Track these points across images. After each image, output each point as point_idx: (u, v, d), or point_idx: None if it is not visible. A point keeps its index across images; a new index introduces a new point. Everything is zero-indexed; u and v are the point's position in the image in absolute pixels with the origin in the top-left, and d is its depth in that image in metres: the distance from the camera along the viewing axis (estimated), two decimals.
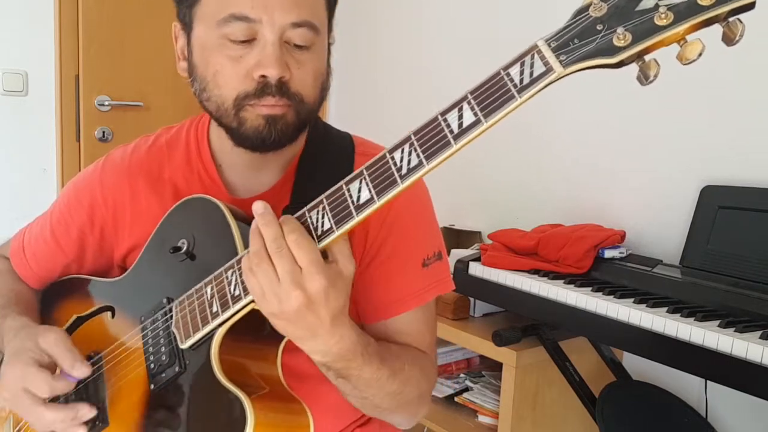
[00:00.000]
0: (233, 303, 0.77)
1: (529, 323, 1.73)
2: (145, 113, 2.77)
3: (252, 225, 0.73)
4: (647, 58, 0.60)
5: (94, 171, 1.03)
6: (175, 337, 0.84)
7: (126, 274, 0.98)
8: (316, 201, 0.73)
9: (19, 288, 1.06)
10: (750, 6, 0.56)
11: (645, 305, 1.40)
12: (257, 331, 0.83)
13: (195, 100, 0.92)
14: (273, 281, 0.70)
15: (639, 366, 1.80)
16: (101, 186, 1.01)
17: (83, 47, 2.62)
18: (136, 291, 0.95)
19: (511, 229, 1.92)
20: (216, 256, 0.82)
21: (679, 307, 1.36)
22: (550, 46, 0.61)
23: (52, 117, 2.63)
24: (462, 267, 1.79)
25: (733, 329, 1.24)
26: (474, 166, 2.30)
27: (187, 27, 0.89)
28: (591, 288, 1.52)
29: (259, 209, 0.72)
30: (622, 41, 0.58)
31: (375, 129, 2.57)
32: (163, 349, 0.85)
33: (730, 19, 0.57)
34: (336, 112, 3.06)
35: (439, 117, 0.66)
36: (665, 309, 1.37)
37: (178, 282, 0.87)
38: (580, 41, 0.60)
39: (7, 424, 1.02)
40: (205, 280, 0.81)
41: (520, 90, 0.62)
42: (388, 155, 0.69)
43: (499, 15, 2.28)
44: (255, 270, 0.71)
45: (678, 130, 1.80)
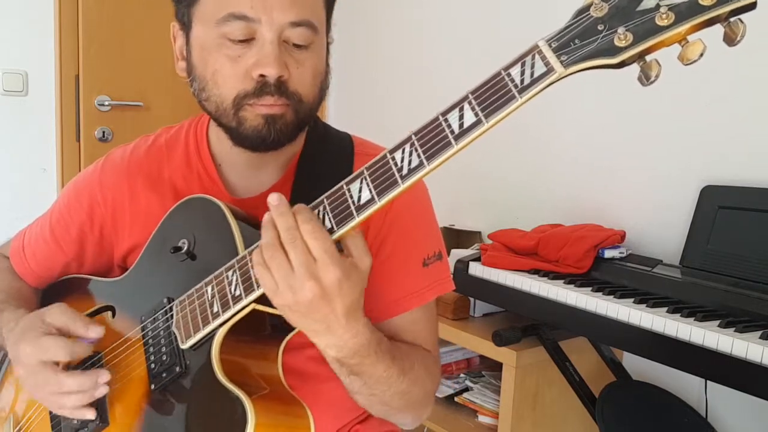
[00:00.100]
0: (234, 303, 0.77)
1: (529, 323, 1.72)
2: (145, 113, 2.77)
3: (264, 217, 0.72)
4: (648, 58, 0.60)
5: (93, 171, 1.04)
6: (176, 337, 0.84)
7: (126, 273, 0.98)
8: (316, 201, 0.73)
9: (18, 285, 1.06)
10: (751, 6, 0.56)
11: (645, 305, 1.40)
12: (258, 331, 0.83)
13: (195, 100, 0.92)
14: (287, 272, 0.69)
15: (639, 366, 1.80)
16: (101, 186, 1.01)
17: (83, 47, 2.62)
18: (136, 291, 0.94)
19: (511, 229, 1.91)
20: (216, 255, 0.81)
21: (679, 307, 1.36)
22: (551, 46, 0.61)
23: (52, 117, 2.63)
24: (462, 267, 1.78)
25: (733, 329, 1.24)
26: (474, 166, 2.30)
27: (186, 27, 0.89)
28: (591, 288, 1.52)
29: (274, 200, 0.71)
30: (623, 41, 0.58)
31: (374, 129, 2.57)
32: (164, 349, 0.85)
33: (731, 20, 0.57)
34: (335, 112, 3.06)
35: (440, 117, 0.66)
36: (665, 309, 1.36)
37: (178, 282, 0.87)
38: (581, 41, 0.60)
39: (7, 424, 1.02)
40: (206, 279, 0.81)
41: (521, 90, 0.62)
42: (388, 155, 0.69)
43: (499, 15, 2.28)
44: (268, 261, 0.70)
45: (678, 129, 1.80)
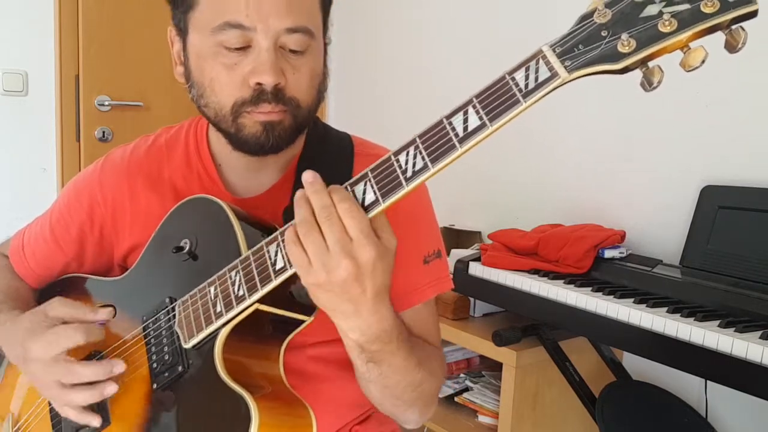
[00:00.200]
0: (237, 303, 0.77)
1: (529, 323, 1.73)
2: (145, 113, 2.77)
3: (297, 194, 0.71)
4: (651, 64, 0.61)
5: (93, 171, 1.03)
6: (178, 337, 0.84)
7: (127, 273, 0.98)
8: None
9: (16, 285, 1.06)
10: (753, 14, 0.57)
11: (645, 305, 1.40)
12: (260, 331, 0.83)
13: None
14: (322, 250, 0.68)
15: (639, 366, 1.80)
16: (101, 185, 1.01)
17: (83, 47, 2.62)
18: (137, 290, 0.95)
19: (511, 229, 1.92)
20: (219, 256, 0.82)
21: (679, 307, 1.36)
22: (555, 51, 0.62)
23: (52, 117, 2.63)
24: (462, 267, 1.79)
25: (733, 329, 1.24)
26: (474, 166, 2.30)
27: (183, 32, 0.89)
28: (591, 288, 1.52)
29: (309, 177, 0.71)
30: (626, 47, 0.59)
31: (374, 129, 2.57)
32: (166, 349, 0.86)
33: (732, 27, 0.58)
34: (335, 112, 3.06)
35: (444, 120, 0.66)
36: (665, 309, 1.37)
37: (180, 282, 0.87)
38: (584, 47, 0.61)
39: (6, 423, 1.02)
40: (209, 280, 0.81)
41: (525, 95, 0.62)
42: (393, 158, 0.69)
43: (499, 15, 2.28)
44: (303, 238, 0.69)
45: (678, 130, 1.80)
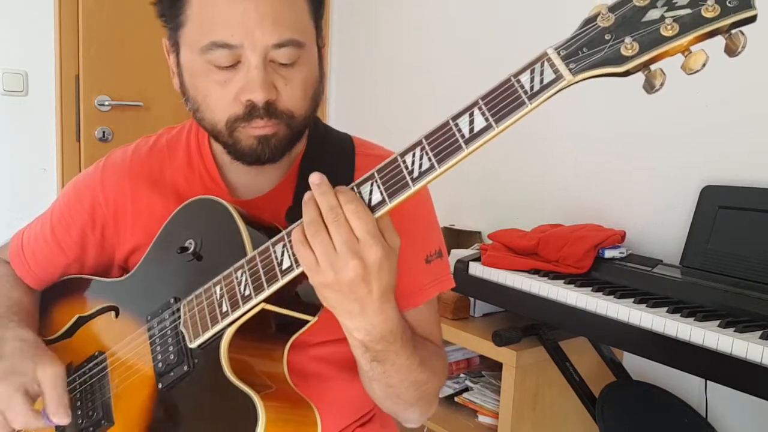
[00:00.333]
0: (243, 303, 0.78)
1: (529, 323, 1.73)
2: (145, 113, 2.76)
3: (305, 195, 0.72)
4: (653, 67, 0.62)
5: (95, 171, 1.03)
6: (184, 337, 0.84)
7: (131, 273, 0.98)
8: None
9: (18, 295, 1.05)
10: (752, 19, 0.58)
11: (645, 305, 1.40)
12: (265, 331, 0.84)
13: None
14: (329, 251, 0.69)
15: (639, 366, 1.80)
16: (102, 186, 1.01)
17: (83, 47, 2.61)
18: (141, 290, 0.95)
19: (511, 229, 1.92)
20: (224, 256, 0.82)
21: (679, 307, 1.36)
22: (559, 54, 0.63)
23: (52, 117, 2.62)
24: (462, 267, 1.79)
25: (733, 329, 1.25)
26: (474, 166, 2.29)
27: (175, 47, 0.89)
28: (591, 288, 1.53)
29: (316, 179, 0.72)
30: (629, 51, 0.60)
31: (374, 129, 2.58)
32: (171, 349, 0.86)
33: (732, 31, 0.59)
34: (335, 112, 3.06)
35: (451, 122, 0.67)
36: (665, 309, 1.37)
37: (185, 282, 0.87)
38: (588, 50, 0.62)
39: None
40: (214, 280, 0.82)
41: (530, 96, 0.63)
42: (399, 159, 0.70)
43: (499, 15, 2.28)
44: (311, 239, 0.70)
45: (678, 130, 1.80)
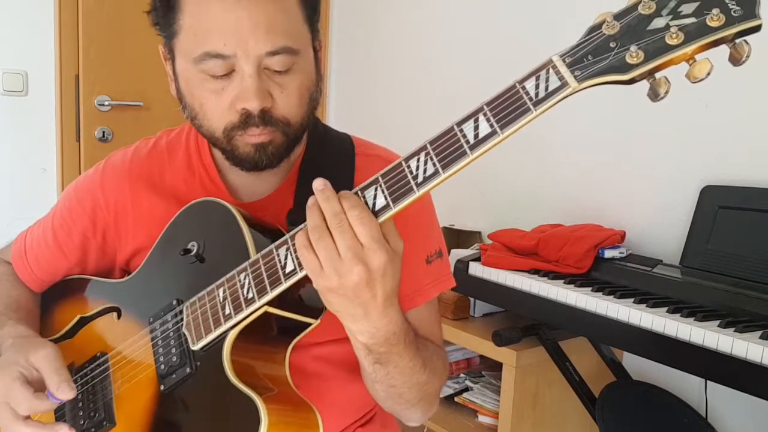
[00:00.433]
0: (246, 305, 0.78)
1: (529, 323, 1.73)
2: (145, 113, 2.76)
3: (309, 201, 0.73)
4: (658, 75, 0.62)
5: (95, 174, 1.03)
6: (186, 339, 0.84)
7: (133, 275, 0.98)
8: None
9: (18, 293, 1.05)
10: (756, 29, 0.58)
11: (645, 305, 1.40)
12: (267, 334, 0.84)
13: None
14: (334, 256, 0.70)
15: (639, 366, 1.80)
16: (102, 189, 1.01)
17: (83, 47, 2.61)
18: (143, 292, 0.95)
19: (511, 229, 1.92)
20: (227, 258, 0.82)
21: (679, 307, 1.36)
22: (564, 61, 0.63)
23: (52, 117, 2.62)
24: (462, 267, 1.79)
25: (733, 329, 1.25)
26: (474, 166, 2.29)
27: (171, 55, 0.89)
28: (591, 288, 1.53)
29: (319, 185, 0.72)
30: (634, 59, 0.60)
31: (374, 129, 2.58)
32: (174, 350, 0.86)
33: (737, 41, 0.59)
34: (335, 112, 3.06)
35: (455, 127, 0.68)
36: (665, 309, 1.37)
37: (187, 284, 0.87)
38: (593, 58, 0.62)
39: None
40: (218, 282, 0.82)
41: (535, 103, 0.64)
42: (404, 163, 0.70)
43: (499, 15, 2.28)
44: (315, 244, 0.71)
45: (678, 130, 1.80)
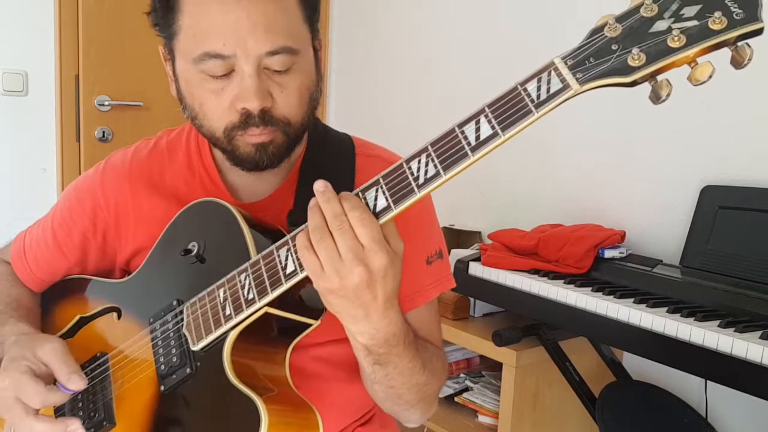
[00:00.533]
0: (247, 306, 0.78)
1: (529, 323, 1.73)
2: (145, 113, 2.76)
3: (311, 202, 0.73)
4: (659, 78, 0.62)
5: (95, 174, 1.03)
6: (186, 339, 0.84)
7: (133, 275, 0.98)
8: None
9: (18, 292, 1.05)
10: (758, 32, 0.58)
11: (645, 305, 1.41)
12: (267, 334, 0.84)
13: None
14: (334, 257, 0.70)
15: (639, 366, 1.81)
16: (102, 189, 1.01)
17: (83, 47, 2.61)
18: (143, 292, 0.95)
19: (511, 229, 1.92)
20: (227, 259, 0.82)
21: (679, 307, 1.36)
22: (566, 63, 0.63)
23: (52, 117, 2.62)
24: (462, 267, 1.79)
25: (733, 329, 1.25)
26: (474, 166, 2.29)
27: (171, 56, 0.89)
28: (591, 288, 1.53)
29: (320, 187, 0.72)
30: (636, 61, 0.60)
31: (374, 129, 2.58)
32: (174, 351, 0.86)
33: (738, 44, 0.59)
34: (335, 112, 3.06)
35: (457, 129, 0.68)
36: (665, 309, 1.37)
37: (188, 284, 0.87)
38: (595, 60, 0.62)
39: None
40: (218, 283, 0.82)
41: (537, 105, 0.64)
42: (405, 165, 0.70)
43: (499, 15, 2.28)
44: (316, 245, 0.71)
45: (678, 130, 1.80)
